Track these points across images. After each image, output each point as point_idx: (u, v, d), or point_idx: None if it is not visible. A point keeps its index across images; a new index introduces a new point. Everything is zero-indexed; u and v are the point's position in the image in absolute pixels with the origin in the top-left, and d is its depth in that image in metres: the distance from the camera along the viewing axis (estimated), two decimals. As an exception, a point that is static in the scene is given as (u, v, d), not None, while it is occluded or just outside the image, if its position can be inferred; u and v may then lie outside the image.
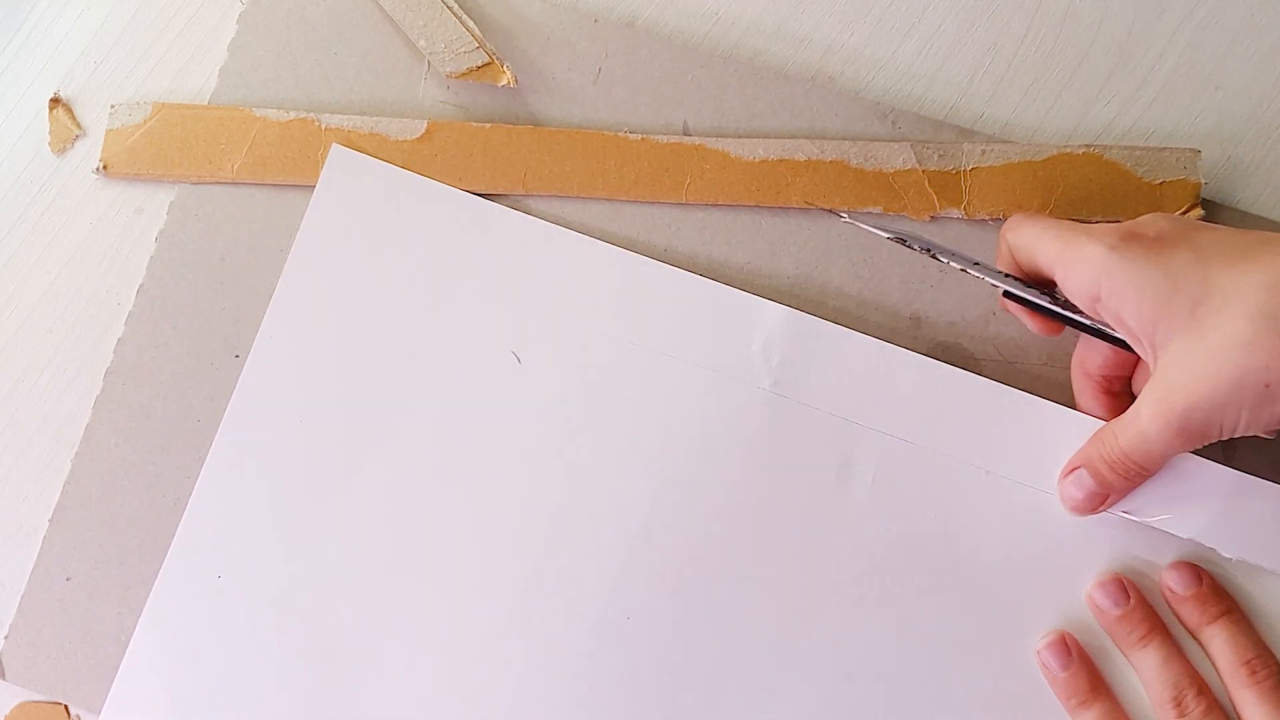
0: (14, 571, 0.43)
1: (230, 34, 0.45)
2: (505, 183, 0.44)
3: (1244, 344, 0.33)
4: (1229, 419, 0.34)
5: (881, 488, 0.41)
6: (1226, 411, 0.34)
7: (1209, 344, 0.33)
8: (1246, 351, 0.33)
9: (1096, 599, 0.40)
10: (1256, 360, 0.32)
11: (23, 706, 0.42)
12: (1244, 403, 0.33)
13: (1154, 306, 0.35)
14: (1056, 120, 0.45)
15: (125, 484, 0.43)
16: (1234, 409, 0.34)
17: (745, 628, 0.41)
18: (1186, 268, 0.34)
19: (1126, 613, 0.40)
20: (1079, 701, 0.40)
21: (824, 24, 0.46)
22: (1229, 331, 0.33)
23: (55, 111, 0.46)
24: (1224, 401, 0.33)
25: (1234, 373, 0.33)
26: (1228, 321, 0.33)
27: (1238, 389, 0.33)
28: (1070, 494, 0.40)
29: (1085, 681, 0.40)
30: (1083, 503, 0.39)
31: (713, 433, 0.42)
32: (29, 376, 0.45)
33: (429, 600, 0.41)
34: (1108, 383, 0.40)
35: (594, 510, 0.41)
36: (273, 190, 0.44)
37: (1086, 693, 0.40)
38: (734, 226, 0.44)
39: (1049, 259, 0.37)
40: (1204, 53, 0.46)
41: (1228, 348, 0.33)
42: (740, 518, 0.41)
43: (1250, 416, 0.34)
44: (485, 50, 0.44)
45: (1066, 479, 0.40)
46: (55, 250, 0.45)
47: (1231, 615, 0.39)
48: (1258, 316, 0.32)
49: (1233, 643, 0.39)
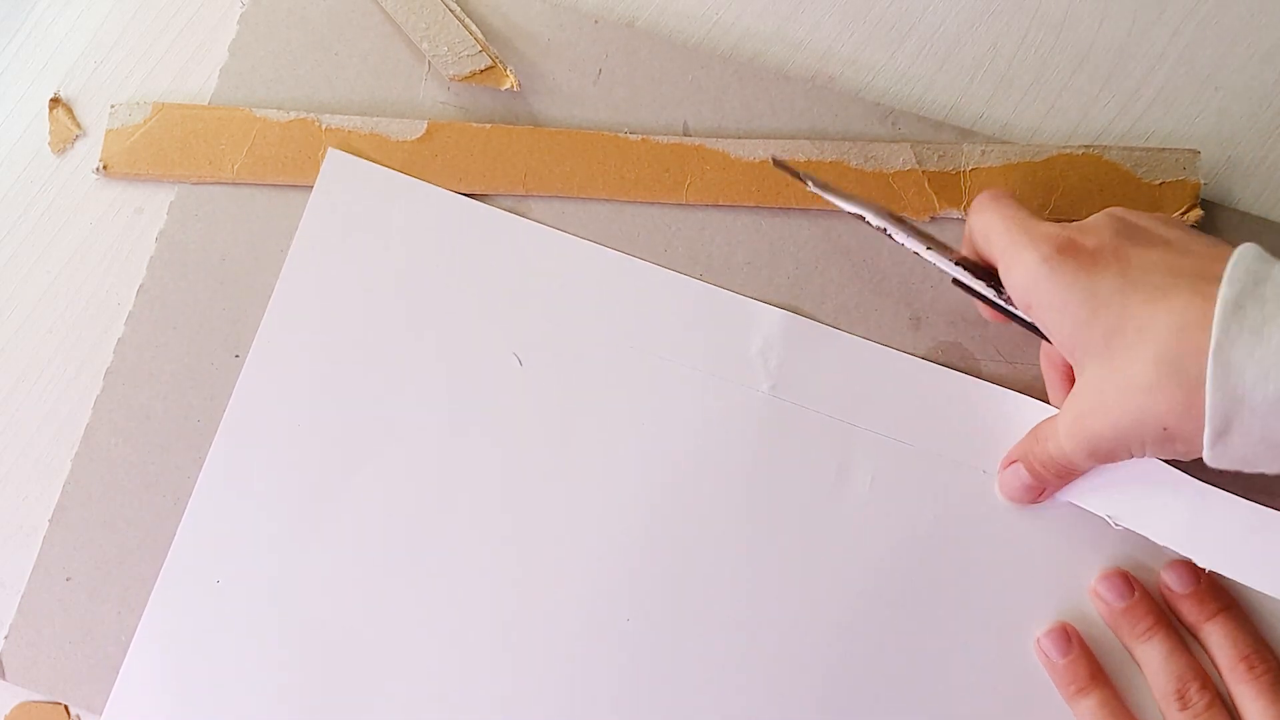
0: (14, 571, 0.43)
1: (230, 34, 0.45)
2: (505, 183, 0.44)
3: (1145, 388, 0.33)
4: (1135, 448, 0.35)
5: (880, 489, 0.41)
6: (1130, 443, 0.34)
7: (1116, 380, 0.34)
8: (1147, 396, 0.33)
9: (1101, 592, 0.40)
10: (1156, 406, 0.33)
11: (23, 706, 0.42)
12: (1145, 440, 0.34)
13: (1073, 329, 0.35)
14: (1056, 120, 0.45)
15: (125, 484, 0.43)
16: (1137, 443, 0.34)
17: (745, 629, 0.41)
18: (1109, 295, 0.34)
19: (1130, 605, 0.40)
20: (1078, 689, 0.40)
21: (824, 25, 0.46)
22: (1134, 372, 0.33)
23: (55, 111, 0.46)
24: (1128, 435, 0.34)
25: (1135, 414, 0.33)
26: (1135, 361, 0.33)
27: (1139, 428, 0.34)
28: (1009, 484, 0.40)
29: (1084, 669, 0.40)
30: (1019, 493, 0.40)
31: (712, 436, 0.42)
32: (29, 376, 0.45)
33: (428, 602, 0.41)
34: (1072, 371, 0.40)
35: (593, 513, 0.41)
36: (273, 190, 0.44)
37: (1085, 680, 0.40)
38: (734, 226, 0.44)
39: (996, 252, 0.38)
40: (1204, 53, 0.46)
41: (1131, 389, 0.33)
42: (740, 520, 0.41)
43: (1154, 450, 0.34)
44: (488, 53, 0.44)
45: (1005, 470, 0.40)
46: (55, 250, 0.45)
47: (1230, 612, 0.39)
48: (1160, 362, 0.32)
49: (1231, 638, 0.39)
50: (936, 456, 0.41)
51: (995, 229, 0.38)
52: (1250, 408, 0.30)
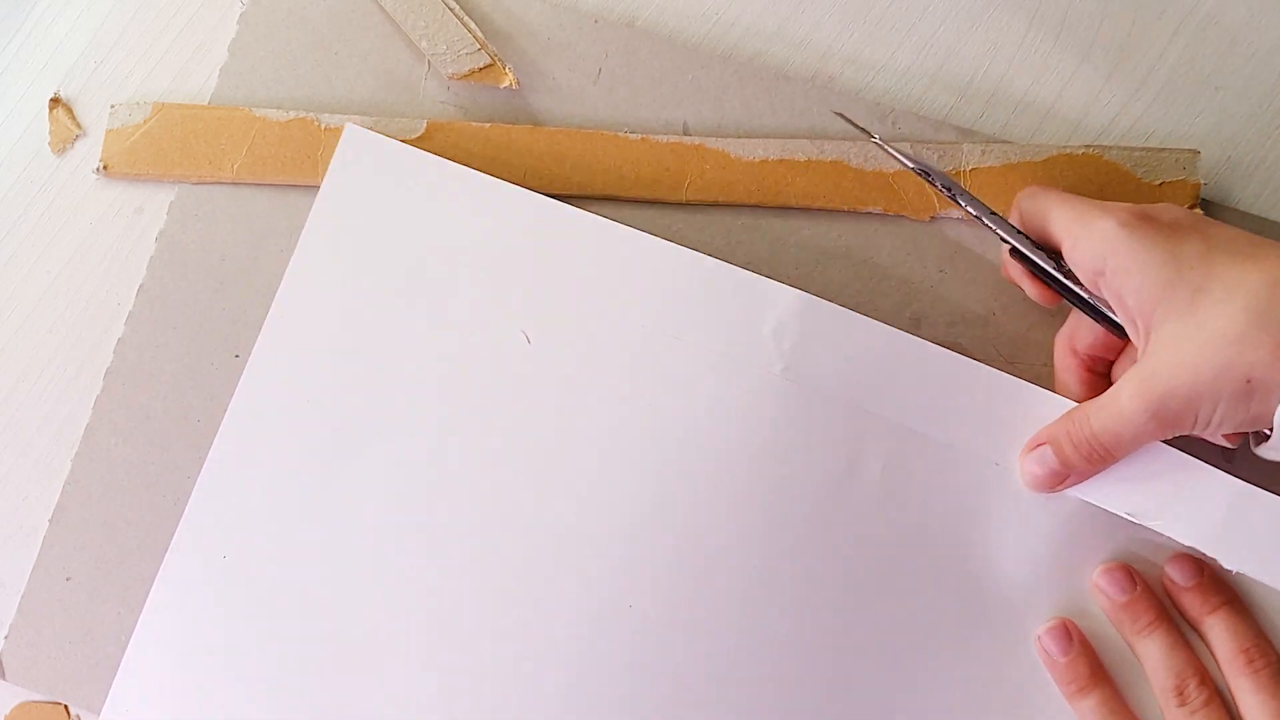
0: (14, 571, 0.43)
1: (230, 34, 0.45)
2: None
3: (1235, 338, 0.33)
4: (1204, 410, 0.34)
5: (891, 476, 0.41)
6: (1204, 401, 0.34)
7: (1201, 333, 0.34)
8: (1235, 346, 0.33)
9: (1102, 585, 0.40)
10: (1244, 356, 0.33)
11: (23, 706, 0.42)
12: (1222, 395, 0.34)
13: (1156, 288, 0.35)
14: (1056, 121, 0.45)
15: (125, 484, 0.43)
16: (1211, 400, 0.34)
17: (752, 613, 0.41)
18: (1193, 256, 0.35)
19: (1132, 600, 0.40)
20: (1078, 688, 0.40)
21: (824, 24, 0.46)
22: (1223, 324, 0.33)
23: (55, 111, 0.46)
24: (1204, 391, 0.34)
25: (1219, 365, 0.33)
26: (1223, 314, 0.33)
27: (1219, 381, 0.33)
28: (1030, 470, 0.40)
29: (1085, 668, 0.40)
30: (1043, 480, 0.39)
31: (723, 417, 0.41)
32: (29, 376, 0.45)
33: (434, 586, 0.41)
34: (1092, 362, 0.40)
35: (602, 494, 0.41)
36: (272, 190, 0.44)
37: (1086, 679, 0.40)
38: (734, 226, 0.44)
39: (1059, 228, 0.38)
40: (1204, 53, 0.46)
41: (1218, 340, 0.33)
42: (749, 503, 0.41)
43: (1226, 410, 0.34)
44: (487, 52, 0.44)
45: (1029, 455, 0.40)
46: (55, 250, 0.45)
47: (1232, 606, 0.39)
48: (1253, 312, 0.33)
49: (1232, 632, 0.39)
50: (948, 447, 0.41)
51: (1058, 207, 0.38)
52: None
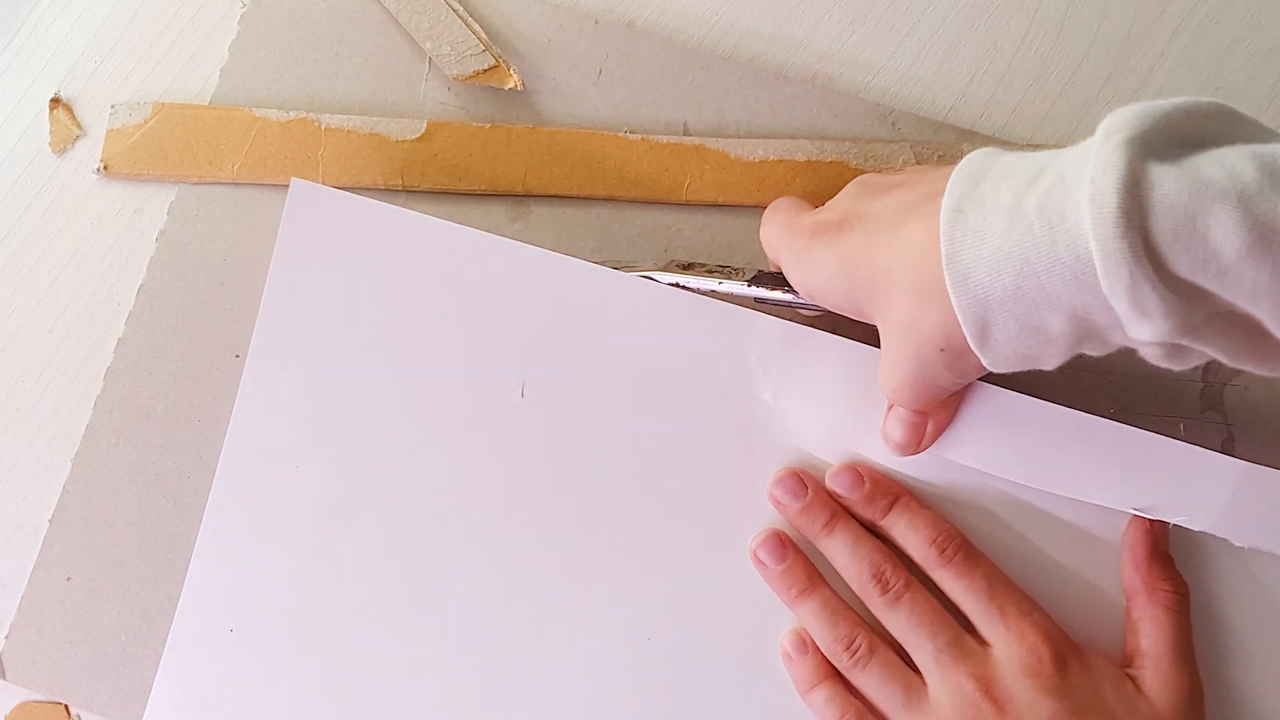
0: (14, 571, 0.43)
1: (231, 34, 0.45)
2: (505, 183, 0.44)
3: (909, 324, 0.33)
4: (937, 380, 0.35)
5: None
6: (928, 380, 0.35)
7: (888, 328, 0.35)
8: (912, 330, 0.34)
9: (776, 495, 0.40)
10: (922, 332, 0.33)
11: (23, 706, 0.42)
12: (935, 369, 0.34)
13: (844, 299, 0.36)
14: (1056, 120, 0.46)
15: (125, 484, 0.43)
16: (931, 377, 0.35)
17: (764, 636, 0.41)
18: (856, 254, 0.35)
19: (807, 504, 0.40)
20: (799, 592, 0.40)
21: (823, 25, 0.46)
22: (898, 315, 0.34)
23: (56, 111, 0.46)
24: (920, 373, 0.35)
25: (912, 349, 0.34)
26: (894, 303, 0.34)
27: (922, 361, 0.34)
28: (894, 430, 0.39)
29: (802, 572, 0.40)
30: (908, 435, 0.39)
31: (717, 447, 0.41)
32: (29, 376, 0.45)
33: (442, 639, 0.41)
34: None
35: (599, 530, 0.41)
36: (273, 190, 0.44)
37: (804, 582, 0.40)
38: (734, 226, 0.44)
39: (780, 263, 0.39)
40: (1204, 53, 0.46)
41: (899, 330, 0.34)
42: (748, 531, 0.41)
43: (951, 374, 0.34)
44: (491, 53, 0.44)
45: (888, 418, 0.39)
46: (55, 250, 0.45)
47: (903, 500, 0.40)
48: (910, 291, 0.33)
49: (913, 526, 0.39)
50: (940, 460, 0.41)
51: (772, 238, 0.39)
52: (996, 303, 0.31)
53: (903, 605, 0.38)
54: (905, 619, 0.38)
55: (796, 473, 0.40)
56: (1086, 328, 0.30)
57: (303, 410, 0.42)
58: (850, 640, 0.39)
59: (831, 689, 0.39)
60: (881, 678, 0.38)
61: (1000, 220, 0.30)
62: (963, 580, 0.38)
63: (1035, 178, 0.30)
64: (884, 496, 0.40)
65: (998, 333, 0.31)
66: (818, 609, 0.39)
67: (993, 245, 0.30)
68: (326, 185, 0.42)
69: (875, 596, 0.39)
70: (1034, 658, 0.37)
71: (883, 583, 0.39)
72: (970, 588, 0.38)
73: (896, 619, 0.38)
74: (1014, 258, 0.30)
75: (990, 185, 0.31)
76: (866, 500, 0.40)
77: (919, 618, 0.38)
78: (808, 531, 0.40)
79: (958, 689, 0.37)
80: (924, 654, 0.38)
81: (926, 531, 0.39)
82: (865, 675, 0.39)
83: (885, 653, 0.39)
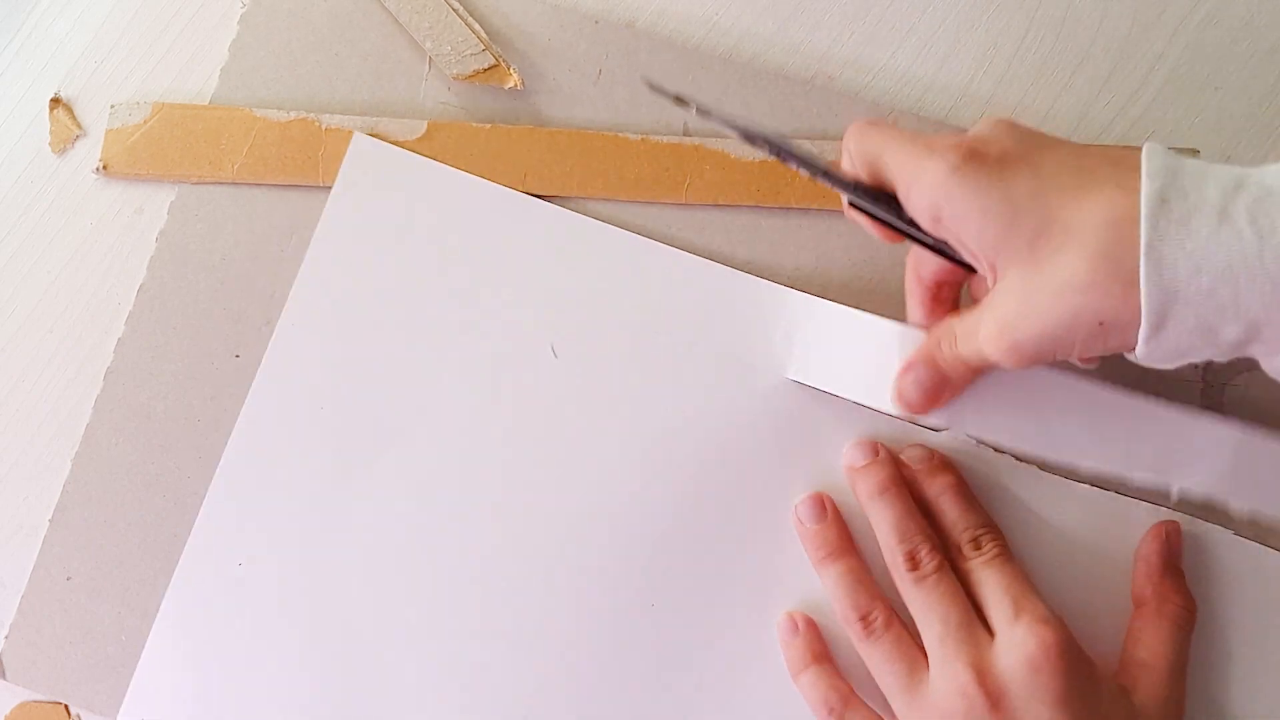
0: (14, 571, 0.43)
1: (231, 34, 0.45)
2: (505, 183, 0.44)
3: (1081, 286, 0.32)
4: (1062, 351, 0.34)
5: None
6: (1060, 345, 0.34)
7: (1048, 282, 0.33)
8: (1083, 294, 0.32)
9: (847, 452, 0.41)
10: (1092, 302, 0.32)
11: (23, 706, 0.42)
12: (1077, 338, 0.33)
13: (994, 233, 0.34)
14: (1057, 121, 0.46)
15: (125, 484, 0.43)
16: (1067, 344, 0.34)
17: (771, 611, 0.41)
18: (1027, 196, 0.33)
19: (870, 464, 0.41)
20: (828, 553, 0.40)
21: (823, 25, 0.46)
22: (1068, 274, 0.32)
23: (55, 111, 0.46)
24: (1059, 336, 0.34)
25: (1070, 312, 0.33)
26: (1066, 261, 0.33)
27: (1074, 327, 0.33)
28: (909, 390, 0.38)
29: (835, 536, 0.41)
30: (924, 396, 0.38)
31: (739, 421, 0.42)
32: (29, 376, 0.45)
33: (452, 592, 0.41)
34: (937, 289, 0.40)
35: (619, 500, 0.42)
36: (273, 190, 0.44)
37: (834, 545, 0.41)
38: (734, 226, 0.44)
39: (892, 174, 0.36)
40: (1204, 53, 0.46)
41: (1065, 289, 0.33)
42: (766, 504, 0.41)
43: (1083, 349, 0.34)
44: (492, 53, 0.44)
45: (905, 375, 0.38)
46: (55, 250, 0.45)
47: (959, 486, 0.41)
48: (1096, 257, 0.32)
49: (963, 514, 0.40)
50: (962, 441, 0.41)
51: (887, 148, 0.36)
52: (1184, 300, 0.30)
53: (927, 585, 0.39)
54: (924, 598, 0.39)
55: (871, 442, 0.41)
56: (1252, 339, 0.31)
57: (338, 351, 0.43)
58: (868, 610, 0.39)
59: (818, 671, 0.40)
60: (889, 654, 0.39)
61: (1208, 220, 0.30)
62: (992, 577, 0.39)
63: (1238, 185, 0.30)
64: (946, 474, 0.41)
65: (1173, 327, 0.31)
66: (842, 573, 0.40)
67: (1198, 242, 0.30)
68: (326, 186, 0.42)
69: (904, 572, 0.39)
70: (1037, 655, 0.37)
71: (914, 560, 0.39)
72: (995, 583, 0.39)
73: (916, 596, 0.39)
74: (1218, 260, 0.30)
75: (1190, 182, 0.31)
76: (929, 473, 0.41)
77: (938, 600, 0.38)
78: (862, 488, 0.41)
79: (954, 675, 0.37)
80: (931, 635, 0.38)
81: (975, 521, 0.40)
82: (873, 648, 0.39)
83: (898, 629, 0.39)
